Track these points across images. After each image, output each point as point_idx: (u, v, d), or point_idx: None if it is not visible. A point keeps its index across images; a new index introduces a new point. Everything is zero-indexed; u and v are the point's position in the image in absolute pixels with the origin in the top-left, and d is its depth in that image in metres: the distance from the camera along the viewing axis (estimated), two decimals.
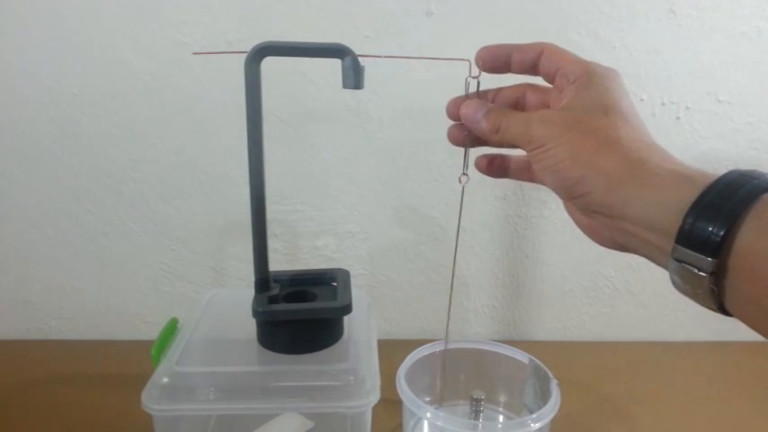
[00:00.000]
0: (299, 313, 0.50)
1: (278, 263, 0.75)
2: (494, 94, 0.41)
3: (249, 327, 0.52)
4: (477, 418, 0.54)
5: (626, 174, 0.31)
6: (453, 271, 0.48)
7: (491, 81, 0.41)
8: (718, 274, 0.28)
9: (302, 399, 0.46)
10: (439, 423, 0.48)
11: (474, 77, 0.40)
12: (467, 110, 0.39)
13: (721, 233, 0.27)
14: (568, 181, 0.33)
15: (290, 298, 0.53)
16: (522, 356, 0.56)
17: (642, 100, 0.71)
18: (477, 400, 0.54)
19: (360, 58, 0.43)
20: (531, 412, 0.51)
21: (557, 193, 0.35)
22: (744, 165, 0.74)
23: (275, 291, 0.52)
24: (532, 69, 0.38)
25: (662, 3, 0.67)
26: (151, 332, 0.52)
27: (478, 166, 0.42)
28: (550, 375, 0.52)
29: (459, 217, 0.47)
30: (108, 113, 0.70)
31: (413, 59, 0.65)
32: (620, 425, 0.61)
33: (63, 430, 0.59)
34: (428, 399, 0.58)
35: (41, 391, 0.66)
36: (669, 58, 0.69)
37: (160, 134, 0.71)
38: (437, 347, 0.57)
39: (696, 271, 0.28)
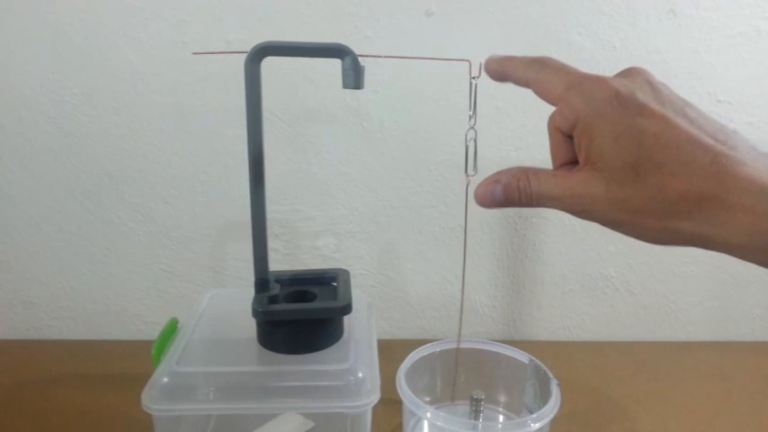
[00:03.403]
0: (299, 313, 0.50)
1: (278, 263, 0.75)
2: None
3: (249, 327, 0.52)
4: (477, 418, 0.54)
5: (705, 204, 0.29)
6: (464, 270, 0.48)
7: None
8: None
9: (302, 399, 0.46)
10: (439, 423, 0.48)
11: (473, 78, 0.40)
12: (479, 189, 0.36)
13: None
14: (652, 239, 0.32)
15: (290, 298, 0.53)
16: (522, 356, 0.56)
17: None
18: (478, 400, 0.54)
19: (360, 58, 0.43)
20: (531, 412, 0.51)
21: None
22: None
23: (275, 291, 0.52)
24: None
25: (662, 3, 0.68)
26: (151, 332, 0.52)
27: None
28: (550, 375, 0.52)
29: (465, 217, 0.47)
30: (108, 113, 0.70)
31: (413, 59, 0.65)
32: (620, 425, 0.61)
33: (63, 430, 0.59)
34: (428, 399, 0.58)
35: (41, 391, 0.66)
36: (669, 58, 0.69)
37: (160, 134, 0.71)
38: (437, 347, 0.57)
39: None
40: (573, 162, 0.34)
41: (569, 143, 0.34)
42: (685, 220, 0.30)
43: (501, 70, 0.37)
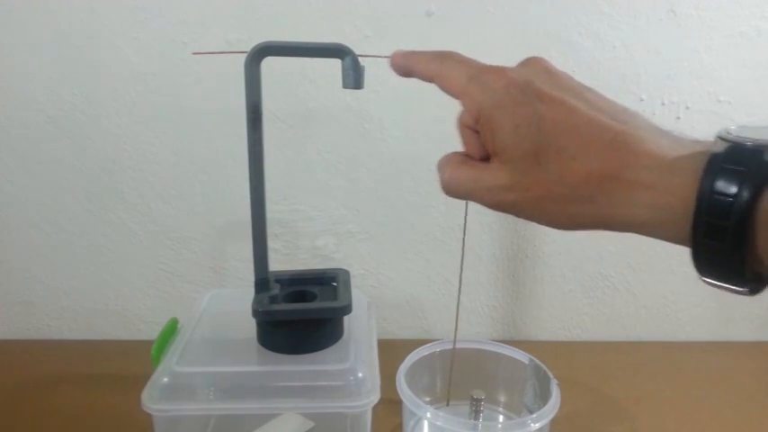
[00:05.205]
0: (299, 313, 0.50)
1: (278, 263, 0.75)
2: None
3: (249, 327, 0.52)
4: (477, 418, 0.54)
5: (603, 190, 0.29)
6: (461, 270, 0.48)
7: None
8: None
9: (302, 399, 0.46)
10: (439, 423, 0.48)
11: None
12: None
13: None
14: (560, 225, 0.32)
15: (290, 298, 0.53)
16: (522, 356, 0.57)
17: (642, 100, 0.70)
18: (478, 400, 0.54)
19: (360, 58, 0.43)
20: (531, 412, 0.51)
21: None
22: None
23: (275, 291, 0.52)
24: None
25: (662, 3, 0.67)
26: (151, 332, 0.52)
27: None
28: (550, 375, 0.52)
29: (465, 218, 0.47)
30: (108, 113, 0.70)
31: None
32: (620, 425, 0.61)
33: (63, 430, 0.59)
34: (428, 399, 0.58)
35: (41, 391, 0.66)
36: (669, 58, 0.69)
37: (160, 134, 0.71)
38: (437, 347, 0.57)
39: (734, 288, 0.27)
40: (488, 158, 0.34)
41: (479, 139, 0.34)
42: (588, 202, 0.30)
43: (405, 65, 0.38)
